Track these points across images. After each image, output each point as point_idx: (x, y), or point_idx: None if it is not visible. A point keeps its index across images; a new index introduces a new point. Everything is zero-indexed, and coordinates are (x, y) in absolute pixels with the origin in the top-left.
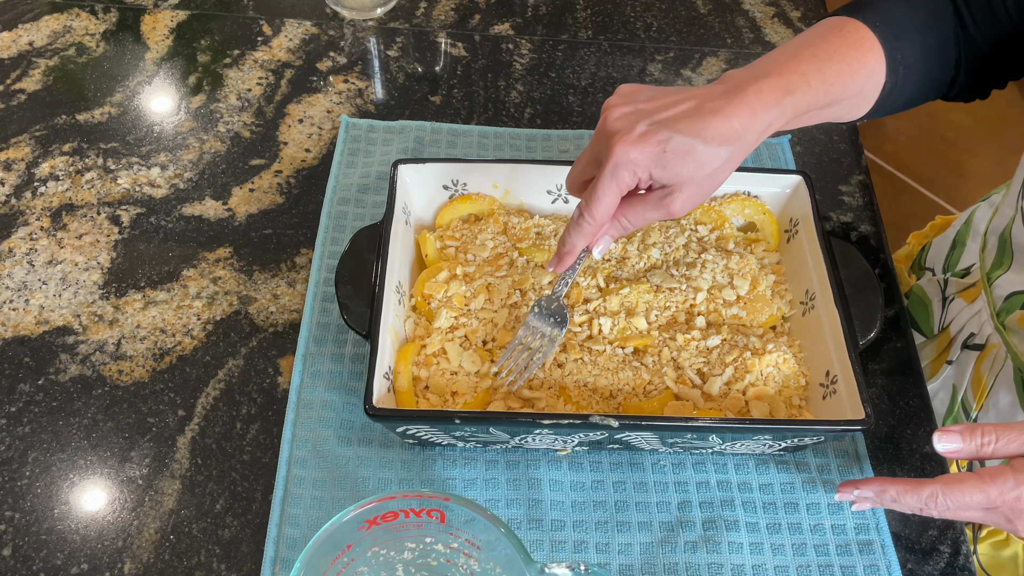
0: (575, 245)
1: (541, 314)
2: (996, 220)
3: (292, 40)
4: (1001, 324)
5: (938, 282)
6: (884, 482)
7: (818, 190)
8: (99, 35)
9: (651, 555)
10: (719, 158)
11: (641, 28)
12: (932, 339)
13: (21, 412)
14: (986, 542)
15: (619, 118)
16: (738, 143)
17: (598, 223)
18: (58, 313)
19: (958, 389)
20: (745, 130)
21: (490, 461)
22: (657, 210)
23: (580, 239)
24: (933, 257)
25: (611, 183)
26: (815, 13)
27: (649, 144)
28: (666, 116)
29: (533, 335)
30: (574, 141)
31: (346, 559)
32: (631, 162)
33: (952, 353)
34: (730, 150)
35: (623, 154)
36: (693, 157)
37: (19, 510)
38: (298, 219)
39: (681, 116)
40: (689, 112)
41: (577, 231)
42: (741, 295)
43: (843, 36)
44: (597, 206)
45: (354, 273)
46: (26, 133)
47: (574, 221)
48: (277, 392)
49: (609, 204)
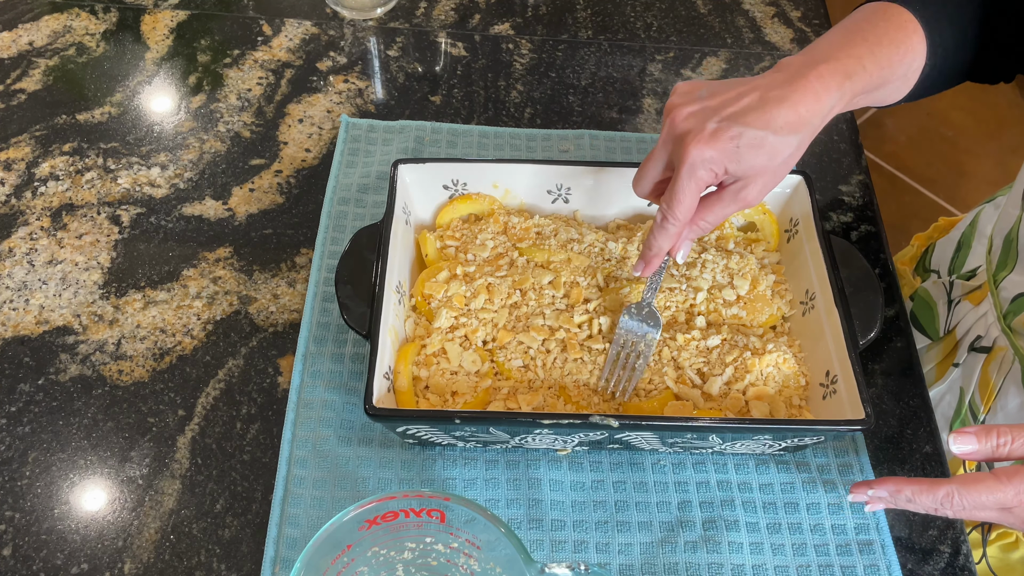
0: (661, 248)
1: (633, 320)
2: (1001, 221)
3: (292, 40)
4: (1008, 326)
5: (943, 284)
6: (899, 482)
7: (818, 190)
8: (99, 35)
9: (651, 555)
10: (790, 146)
11: (641, 28)
12: (938, 342)
13: (21, 412)
14: (995, 544)
15: (687, 118)
16: (806, 129)
17: (682, 223)
18: (58, 313)
19: (965, 392)
20: (811, 116)
21: (490, 461)
22: (734, 204)
23: (666, 241)
24: (938, 259)
25: (690, 183)
26: (815, 13)
27: (722, 141)
28: (733, 111)
29: (627, 343)
30: (574, 141)
31: (346, 559)
32: (707, 160)
33: (959, 356)
34: (799, 137)
35: (699, 153)
36: (766, 148)
37: (19, 510)
38: (298, 219)
39: (748, 109)
40: (755, 104)
41: (663, 234)
42: (741, 295)
43: (889, 20)
44: (679, 207)
45: (354, 273)
46: (26, 133)
47: (658, 224)
48: (277, 392)
49: (690, 204)
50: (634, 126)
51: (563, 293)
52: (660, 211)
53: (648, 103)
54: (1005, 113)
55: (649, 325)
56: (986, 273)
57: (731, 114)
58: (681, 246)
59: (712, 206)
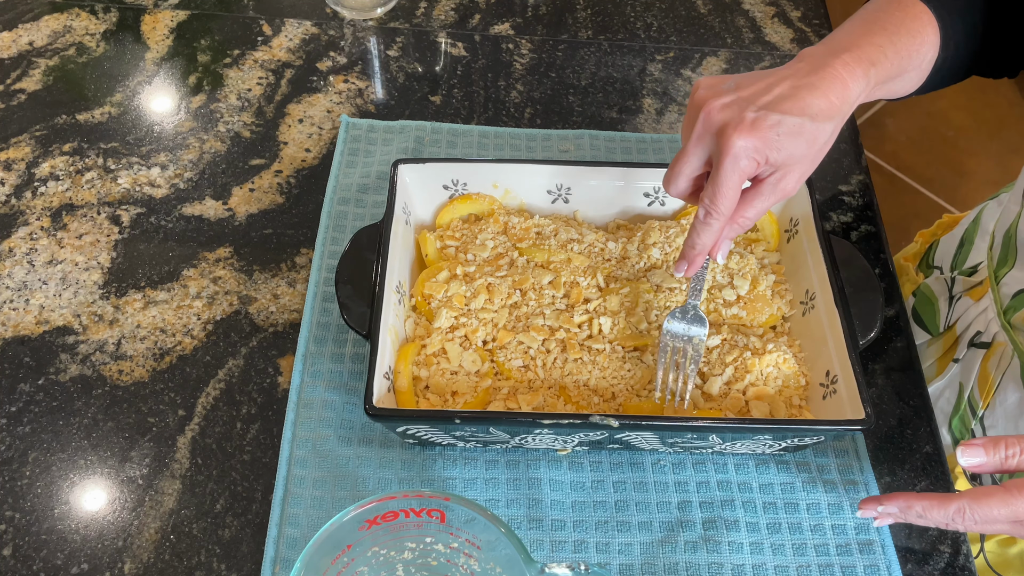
0: (704, 245)
1: (679, 324)
2: (1003, 217)
3: (292, 40)
4: (1008, 322)
5: (945, 280)
6: (909, 497)
7: (818, 190)
8: (99, 35)
9: (651, 555)
10: (826, 132)
11: (641, 28)
12: (938, 337)
13: (21, 412)
14: (993, 539)
15: (722, 109)
16: (838, 115)
17: (725, 217)
18: (58, 313)
19: (964, 387)
20: (842, 103)
21: (490, 461)
22: (773, 195)
23: (709, 237)
24: (941, 255)
25: (733, 175)
26: (815, 13)
27: (762, 129)
28: (769, 100)
29: (675, 350)
30: (574, 141)
31: (346, 559)
32: (750, 149)
33: (959, 351)
34: (834, 123)
35: (742, 143)
36: (805, 135)
37: (19, 510)
38: (298, 219)
39: (783, 98)
40: (788, 93)
41: (706, 230)
42: (741, 295)
43: (904, 10)
44: (723, 200)
45: (354, 273)
46: (26, 133)
47: (700, 221)
48: (277, 392)
49: (733, 197)
50: (634, 126)
51: (563, 293)
52: (702, 207)
53: (648, 103)
54: (1005, 113)
55: (696, 327)
56: (987, 269)
57: (767, 103)
58: (721, 244)
59: (751, 200)
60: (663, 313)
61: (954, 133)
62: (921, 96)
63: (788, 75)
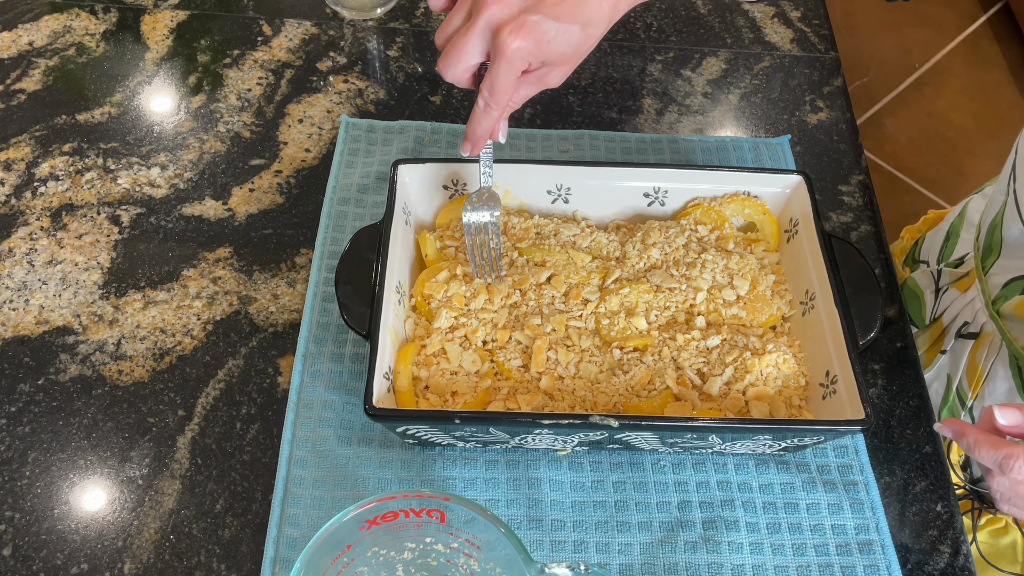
0: (485, 131)
1: (476, 211)
2: (989, 209)
3: (292, 40)
4: (996, 312)
5: (931, 273)
6: (965, 427)
7: (818, 190)
8: (99, 35)
9: (651, 555)
10: (593, 39)
11: (641, 28)
12: (924, 329)
13: (21, 412)
14: (985, 530)
15: (503, 6)
16: (607, 23)
17: (503, 108)
18: (58, 313)
19: (952, 378)
20: (613, 9)
21: (490, 461)
22: (538, 86)
23: (489, 123)
24: (927, 249)
25: (508, 74)
26: (815, 13)
27: (536, 33)
28: (548, 3)
29: (478, 230)
30: (574, 141)
31: (346, 559)
32: (523, 51)
33: (946, 343)
34: (602, 30)
35: (516, 45)
36: (574, 41)
37: (19, 510)
38: (298, 219)
39: (561, 1)
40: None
41: (486, 118)
42: (741, 295)
43: None
44: (501, 95)
45: (354, 273)
46: (26, 133)
47: (480, 110)
48: (277, 392)
49: (509, 91)
50: (634, 126)
51: (563, 293)
52: (481, 98)
53: (648, 103)
54: (1005, 113)
55: (491, 206)
56: (974, 260)
57: (546, 6)
58: (500, 129)
59: (518, 88)
60: (663, 313)
61: (954, 133)
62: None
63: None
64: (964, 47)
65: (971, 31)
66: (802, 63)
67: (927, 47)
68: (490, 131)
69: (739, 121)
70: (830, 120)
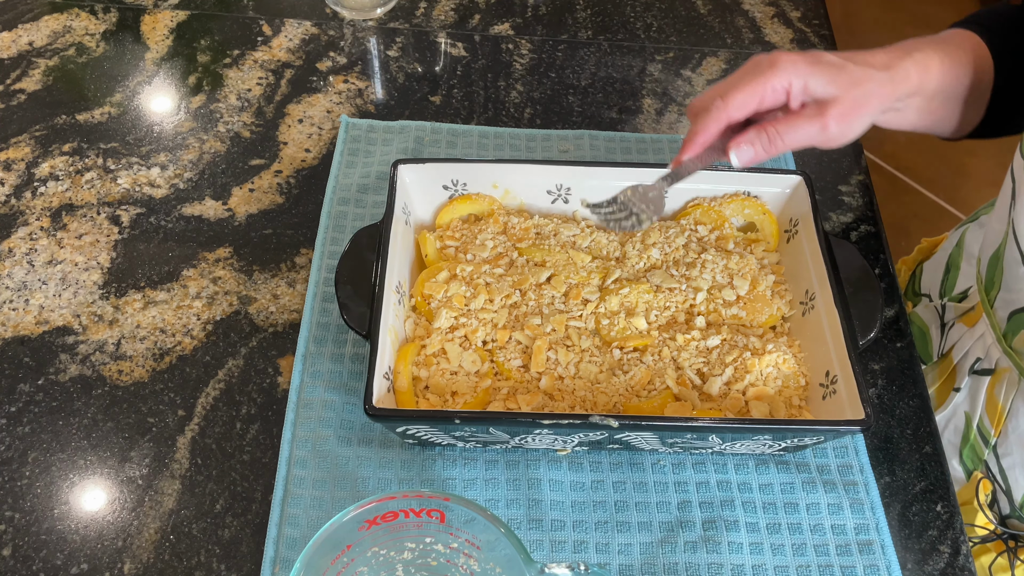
0: (706, 127)
1: (637, 197)
2: (988, 240)
3: (292, 40)
4: (1009, 346)
5: (936, 308)
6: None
7: (818, 190)
8: (99, 35)
9: (651, 555)
10: (879, 81)
11: (641, 28)
12: (933, 366)
13: (21, 412)
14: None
15: (789, 54)
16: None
17: (727, 111)
18: (58, 313)
19: (971, 417)
20: (922, 79)
21: (490, 461)
22: (811, 123)
23: (712, 123)
24: (928, 282)
25: (757, 79)
26: (815, 13)
27: (820, 63)
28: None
29: (624, 206)
30: (574, 141)
31: (346, 559)
32: (792, 64)
33: (959, 380)
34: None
35: (788, 59)
36: (864, 83)
37: (19, 510)
38: (298, 219)
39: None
40: (863, 63)
41: (712, 117)
42: (741, 295)
43: (952, 35)
44: (735, 93)
45: (354, 273)
46: (26, 133)
47: (712, 110)
48: (277, 392)
49: (746, 99)
50: (634, 126)
51: (563, 293)
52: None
53: (648, 103)
54: None
55: (651, 209)
56: (979, 294)
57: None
58: (740, 145)
59: (790, 119)
60: (663, 313)
61: None
62: None
63: (864, 58)
64: None
65: None
66: None
67: None
68: (710, 132)
69: None
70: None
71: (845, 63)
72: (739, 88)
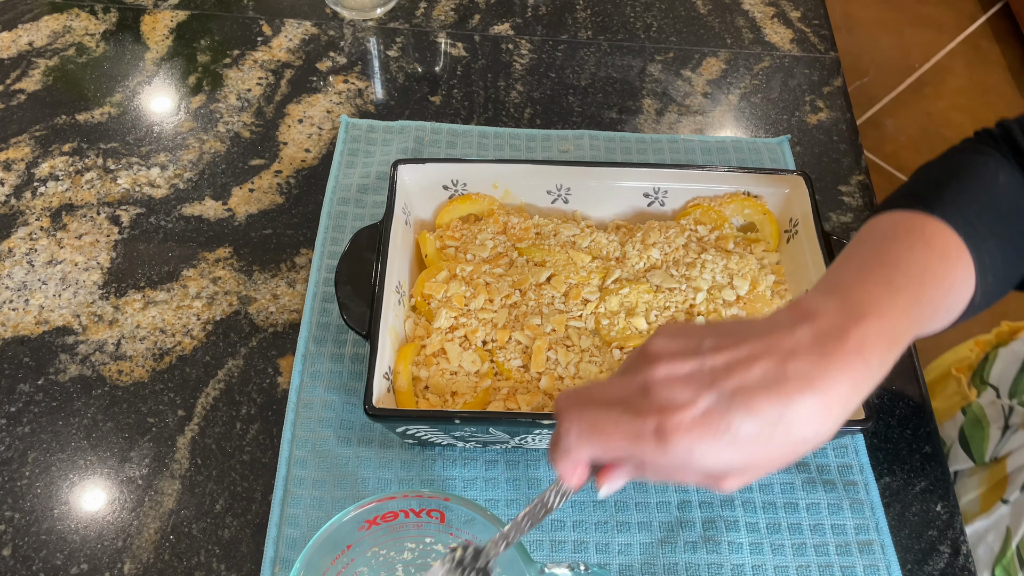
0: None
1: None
2: None
3: (292, 40)
4: None
5: (1002, 407)
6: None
7: (818, 190)
8: (99, 35)
9: (651, 555)
10: (802, 448)
11: (641, 28)
12: (983, 467)
13: (21, 412)
14: None
15: (674, 383)
16: (828, 433)
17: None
18: (58, 313)
19: (1013, 534)
20: (842, 412)
21: (490, 461)
22: (703, 484)
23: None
24: (999, 375)
25: (628, 479)
26: (815, 13)
27: (713, 432)
28: (739, 384)
29: None
30: (574, 141)
31: (346, 559)
32: (690, 459)
33: (1008, 492)
34: (817, 442)
35: (684, 449)
36: (768, 447)
37: (19, 510)
38: (298, 219)
39: (760, 385)
40: (772, 378)
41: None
42: (741, 295)
43: (930, 245)
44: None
45: (354, 273)
46: (26, 133)
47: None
48: (277, 392)
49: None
50: (634, 126)
51: (562, 293)
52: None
53: (648, 103)
54: (1005, 113)
55: None
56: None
57: (735, 389)
58: (612, 478)
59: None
60: (663, 313)
61: (954, 133)
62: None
63: (781, 346)
64: (964, 47)
65: (971, 31)
66: (802, 63)
67: (927, 47)
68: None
69: (739, 121)
70: (830, 120)
71: (771, 435)
72: (614, 484)
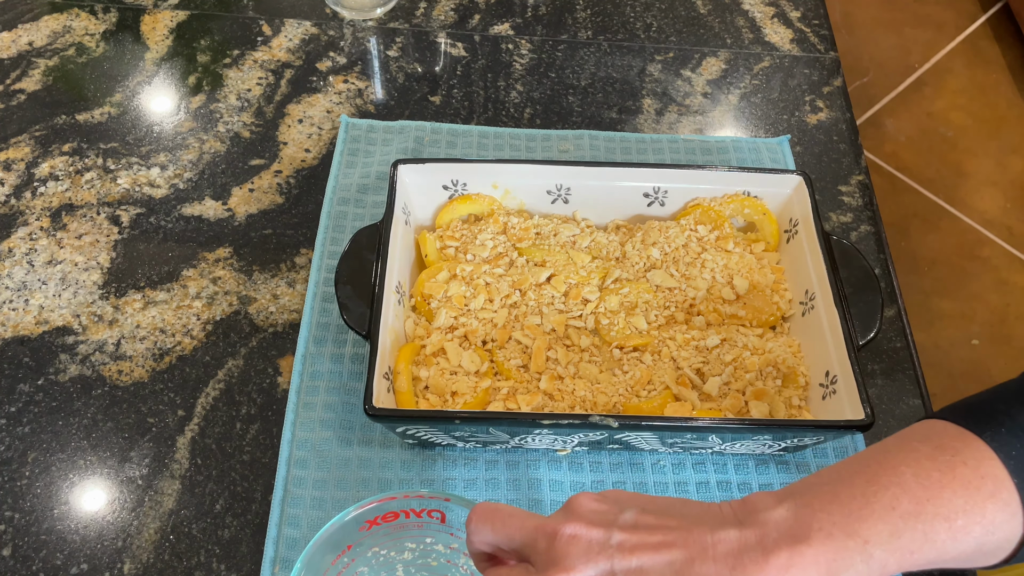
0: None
1: None
2: None
3: (292, 40)
4: None
5: None
6: None
7: (818, 190)
8: (99, 35)
9: None
10: None
11: (641, 28)
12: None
13: (21, 412)
14: None
15: (578, 543)
16: None
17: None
18: (58, 313)
19: None
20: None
21: (490, 461)
22: None
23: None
24: None
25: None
26: (815, 13)
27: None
28: (636, 567)
29: None
30: (574, 141)
31: (346, 559)
32: None
33: None
34: None
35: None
36: None
37: (19, 510)
38: (298, 219)
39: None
40: (668, 573)
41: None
42: (741, 295)
43: (955, 472)
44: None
45: (354, 273)
46: (26, 133)
47: None
48: (277, 392)
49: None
50: (634, 126)
51: (562, 293)
52: None
53: (648, 103)
54: (1005, 113)
55: None
56: None
57: (629, 571)
58: None
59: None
60: (663, 313)
61: (954, 133)
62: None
63: (698, 541)
64: (964, 47)
65: (971, 31)
66: (802, 63)
67: (927, 47)
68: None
69: (739, 121)
70: (830, 120)
71: None
72: (506, 524)
